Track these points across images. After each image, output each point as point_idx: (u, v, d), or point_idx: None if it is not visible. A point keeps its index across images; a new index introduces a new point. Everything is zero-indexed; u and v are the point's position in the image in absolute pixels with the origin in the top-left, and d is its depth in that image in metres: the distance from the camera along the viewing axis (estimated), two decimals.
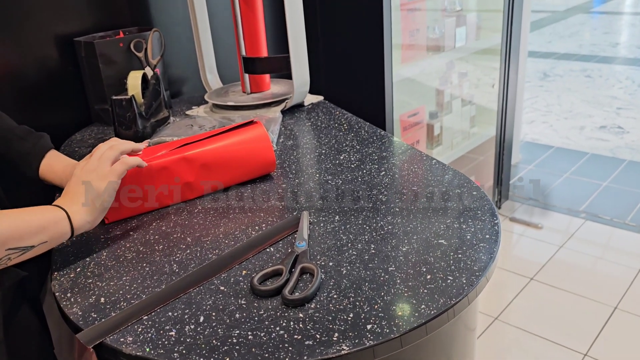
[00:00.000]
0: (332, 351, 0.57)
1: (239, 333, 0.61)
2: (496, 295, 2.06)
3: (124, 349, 0.61)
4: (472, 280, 0.67)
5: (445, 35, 2.11)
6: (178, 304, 0.67)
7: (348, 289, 0.67)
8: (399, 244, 0.76)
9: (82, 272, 0.75)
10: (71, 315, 0.67)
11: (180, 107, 1.49)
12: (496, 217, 0.81)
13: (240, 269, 0.73)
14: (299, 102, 1.41)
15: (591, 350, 1.76)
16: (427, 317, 0.61)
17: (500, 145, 2.51)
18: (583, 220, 2.53)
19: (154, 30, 1.37)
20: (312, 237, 0.79)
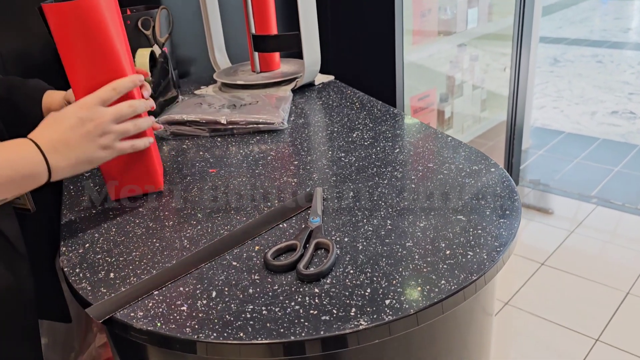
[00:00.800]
0: (349, 326, 0.55)
1: (252, 308, 0.59)
2: (507, 281, 2.04)
3: (135, 323, 0.59)
4: (493, 256, 0.65)
5: (457, 16, 2.06)
6: (189, 279, 0.65)
7: (365, 265, 0.65)
8: (416, 219, 0.74)
9: (90, 248, 0.74)
10: (80, 291, 0.65)
11: (188, 87, 1.46)
12: (516, 193, 0.78)
13: (253, 245, 0.71)
14: (309, 82, 1.39)
15: (603, 335, 1.74)
16: (448, 293, 0.59)
17: (510, 130, 2.47)
18: (594, 206, 2.50)
19: (161, 7, 1.35)
20: (326, 214, 0.77)
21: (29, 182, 0.67)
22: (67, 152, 0.69)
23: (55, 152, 0.68)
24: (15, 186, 0.65)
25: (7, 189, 0.65)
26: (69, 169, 0.70)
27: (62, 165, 0.69)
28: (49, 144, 0.68)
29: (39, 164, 0.67)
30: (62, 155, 0.69)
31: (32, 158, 0.66)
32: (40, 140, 0.68)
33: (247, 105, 1.17)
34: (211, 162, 0.98)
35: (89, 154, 0.72)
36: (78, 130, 0.71)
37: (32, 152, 0.67)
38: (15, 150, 0.66)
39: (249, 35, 1.40)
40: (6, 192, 0.65)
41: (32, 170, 0.66)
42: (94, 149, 0.72)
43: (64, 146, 0.69)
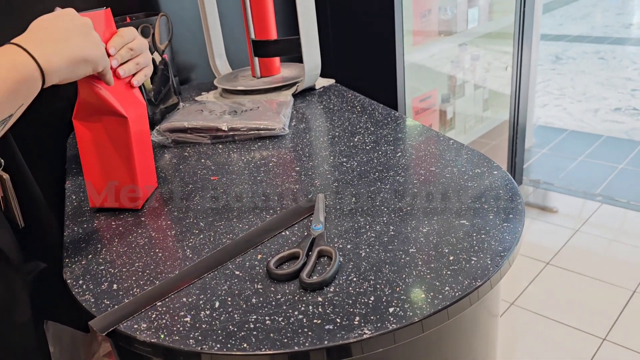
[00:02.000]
0: (353, 335, 0.55)
1: (256, 318, 0.59)
2: (512, 281, 2.03)
3: (138, 335, 0.59)
4: (497, 261, 0.64)
5: (457, 16, 2.06)
6: (192, 289, 0.65)
7: (368, 272, 0.65)
8: (419, 225, 0.73)
9: (93, 259, 0.74)
10: (84, 303, 0.65)
11: (189, 94, 1.46)
12: (519, 196, 0.78)
13: (255, 253, 0.71)
14: (310, 86, 1.38)
15: (610, 334, 1.73)
16: (452, 299, 0.59)
17: (513, 129, 2.46)
18: (599, 204, 2.48)
19: (161, 14, 1.35)
20: (328, 220, 0.77)
21: (24, 87, 0.60)
22: (56, 46, 0.63)
23: (43, 47, 0.62)
24: (11, 96, 0.58)
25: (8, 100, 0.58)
26: (64, 66, 0.64)
27: (55, 60, 0.62)
28: (33, 41, 0.62)
29: (25, 64, 0.60)
30: (51, 50, 0.62)
31: (17, 59, 0.60)
32: (21, 40, 0.62)
33: (248, 111, 1.17)
34: (213, 170, 0.98)
35: (83, 48, 0.66)
36: (67, 24, 0.66)
37: (15, 52, 0.60)
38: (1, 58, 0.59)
39: (248, 41, 1.40)
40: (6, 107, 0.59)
41: (22, 73, 0.59)
42: (87, 43, 0.67)
43: (53, 41, 0.63)
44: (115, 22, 1.35)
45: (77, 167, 1.05)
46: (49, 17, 0.66)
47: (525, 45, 2.29)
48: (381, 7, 1.69)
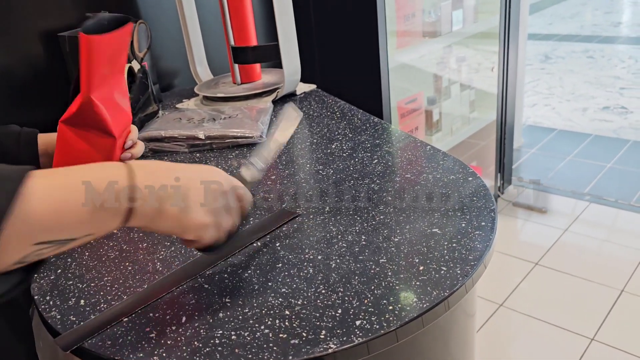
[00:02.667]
0: (318, 350, 0.54)
1: (222, 333, 0.58)
2: (500, 281, 2.03)
3: (103, 352, 0.58)
4: (467, 271, 0.64)
5: (442, 18, 2.06)
6: (160, 304, 0.64)
7: (337, 284, 0.64)
8: (390, 234, 0.73)
9: (62, 274, 0.73)
10: (49, 320, 0.64)
11: (170, 101, 1.46)
12: (492, 203, 0.78)
13: (226, 266, 0.70)
14: (290, 92, 1.38)
15: (598, 334, 1.73)
16: (420, 311, 0.58)
17: (501, 129, 2.47)
18: (587, 203, 2.49)
19: (139, 22, 1.34)
20: (300, 230, 0.76)
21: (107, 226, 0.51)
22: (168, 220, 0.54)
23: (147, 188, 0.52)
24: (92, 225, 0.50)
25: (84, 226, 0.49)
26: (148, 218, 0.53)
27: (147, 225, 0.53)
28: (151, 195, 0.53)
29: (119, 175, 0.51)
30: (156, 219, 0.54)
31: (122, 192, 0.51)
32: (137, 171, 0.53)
33: (227, 118, 1.16)
34: None
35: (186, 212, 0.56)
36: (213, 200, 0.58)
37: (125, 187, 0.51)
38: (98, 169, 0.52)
39: (228, 47, 1.39)
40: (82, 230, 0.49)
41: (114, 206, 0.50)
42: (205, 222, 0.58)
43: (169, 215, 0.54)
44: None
45: None
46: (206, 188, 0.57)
47: (511, 45, 2.29)
48: (364, 10, 1.69)
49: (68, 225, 0.47)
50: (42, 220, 0.45)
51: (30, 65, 1.30)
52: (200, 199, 0.57)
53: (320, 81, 1.53)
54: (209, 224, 0.58)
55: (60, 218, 0.46)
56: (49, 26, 1.31)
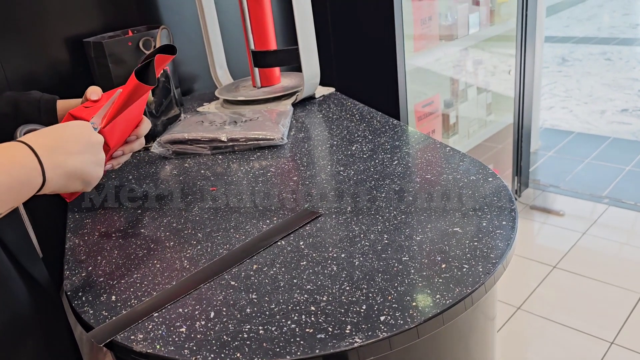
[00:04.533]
0: (344, 344, 0.56)
1: (249, 328, 0.60)
2: (518, 285, 2.02)
3: (135, 346, 0.60)
4: (489, 269, 0.65)
5: (458, 22, 2.07)
6: (188, 300, 0.66)
7: (361, 281, 0.65)
8: (412, 233, 0.74)
9: (93, 271, 0.75)
10: (83, 315, 0.66)
11: (191, 104, 1.48)
12: (513, 203, 0.78)
13: (251, 264, 0.72)
14: (310, 95, 1.40)
15: (618, 338, 1.72)
16: (442, 307, 0.59)
17: (518, 132, 2.46)
18: (606, 206, 2.47)
19: (162, 27, 1.37)
20: (323, 229, 0.78)
21: (24, 190, 0.59)
22: (64, 158, 0.64)
23: (52, 156, 0.62)
24: (13, 194, 0.58)
25: (3, 198, 0.57)
26: (63, 180, 0.65)
27: (58, 172, 0.63)
28: (45, 147, 0.62)
29: (34, 169, 0.60)
30: (58, 160, 0.63)
31: (28, 163, 0.60)
32: (33, 143, 0.61)
33: (248, 121, 1.18)
34: (212, 180, 0.99)
35: (85, 167, 0.68)
36: (80, 138, 0.68)
37: (26, 154, 0.60)
38: (9, 154, 0.59)
39: (248, 52, 1.42)
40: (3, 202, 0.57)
41: (28, 177, 0.59)
42: (91, 164, 0.69)
43: (62, 151, 0.64)
44: (117, 35, 1.38)
45: None
46: (66, 126, 0.68)
47: (528, 48, 2.29)
48: (381, 14, 1.70)
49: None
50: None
51: (55, 70, 1.33)
52: (92, 158, 0.69)
53: (337, 85, 1.55)
54: (98, 173, 0.71)
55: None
56: (75, 32, 1.34)
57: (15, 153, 0.60)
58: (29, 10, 1.25)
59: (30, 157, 0.60)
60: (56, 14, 1.31)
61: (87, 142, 0.69)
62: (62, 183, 0.65)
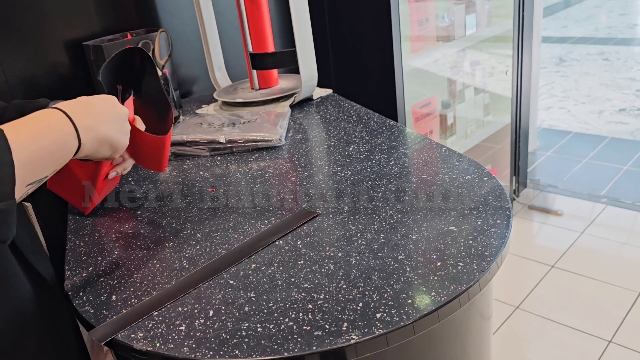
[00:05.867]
0: (341, 341, 0.57)
1: (248, 326, 0.61)
2: (517, 284, 2.03)
3: (135, 344, 0.61)
4: (484, 266, 0.66)
5: (455, 23, 2.08)
6: (188, 299, 0.67)
7: (357, 279, 0.66)
8: (408, 232, 0.75)
9: (94, 271, 0.76)
10: (83, 314, 0.67)
11: (190, 107, 1.49)
12: (507, 202, 0.79)
13: (250, 263, 0.73)
14: (307, 96, 1.41)
15: (616, 336, 1.73)
16: (438, 304, 0.60)
17: (516, 132, 2.47)
18: (604, 206, 2.48)
19: (160, 30, 1.38)
20: (321, 229, 0.79)
21: (63, 153, 0.63)
22: (95, 124, 0.68)
23: (84, 120, 0.66)
24: (55, 158, 0.62)
25: (46, 163, 0.61)
26: (95, 144, 0.68)
27: (90, 136, 0.67)
28: (78, 113, 0.65)
29: (70, 134, 0.64)
30: (91, 125, 0.67)
31: (64, 127, 0.63)
32: (68, 109, 0.65)
33: (247, 123, 1.19)
34: (211, 182, 1.00)
35: (115, 134, 0.72)
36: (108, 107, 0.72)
37: (62, 120, 0.64)
38: (47, 121, 0.63)
39: (246, 54, 1.43)
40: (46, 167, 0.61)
41: (66, 141, 0.63)
42: (120, 132, 0.73)
43: (93, 117, 0.68)
44: (117, 38, 1.39)
45: None
46: (94, 97, 0.72)
47: (525, 49, 2.30)
48: (379, 16, 1.72)
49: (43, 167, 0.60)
50: (27, 168, 0.57)
51: (55, 73, 1.34)
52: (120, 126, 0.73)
53: (335, 86, 1.56)
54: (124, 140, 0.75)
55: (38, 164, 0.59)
56: (74, 36, 1.35)
57: (52, 119, 0.63)
58: (29, 14, 1.26)
59: (66, 122, 0.64)
60: (56, 17, 1.32)
61: (114, 111, 0.73)
62: (95, 147, 0.69)
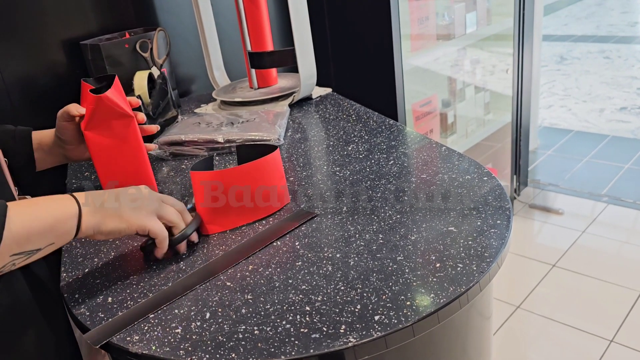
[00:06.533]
0: (338, 343, 0.56)
1: (245, 328, 0.60)
2: (517, 283, 2.02)
3: (131, 347, 0.60)
4: (483, 267, 0.65)
5: (455, 21, 2.07)
6: (184, 301, 0.67)
7: (355, 280, 0.66)
8: (407, 232, 0.74)
9: (90, 273, 0.75)
10: (79, 316, 0.66)
11: (189, 106, 1.49)
12: (507, 202, 0.79)
13: (247, 264, 0.72)
14: (306, 95, 1.40)
15: (617, 336, 1.72)
16: (437, 306, 0.60)
17: (516, 131, 2.46)
18: (605, 204, 2.47)
19: (158, 29, 1.37)
20: (319, 229, 0.78)
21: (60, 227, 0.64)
22: (104, 223, 0.68)
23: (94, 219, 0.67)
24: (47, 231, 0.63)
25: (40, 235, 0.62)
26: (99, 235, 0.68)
27: (92, 232, 0.67)
28: (91, 210, 0.67)
29: (69, 206, 0.66)
30: (98, 224, 0.67)
31: (64, 202, 0.66)
32: (82, 200, 0.67)
33: (245, 122, 1.18)
34: None
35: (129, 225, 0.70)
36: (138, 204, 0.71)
37: (70, 203, 0.66)
38: (56, 201, 0.66)
39: (245, 53, 1.42)
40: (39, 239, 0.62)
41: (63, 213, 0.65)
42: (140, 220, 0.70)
43: (107, 217, 0.68)
44: (115, 37, 1.38)
45: (77, 182, 1.07)
46: (129, 192, 0.72)
47: (526, 47, 2.30)
48: (378, 14, 1.71)
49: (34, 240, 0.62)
50: (15, 238, 0.59)
51: (53, 72, 1.34)
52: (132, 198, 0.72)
53: (334, 85, 1.55)
54: (145, 216, 0.71)
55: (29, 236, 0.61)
56: (72, 35, 1.35)
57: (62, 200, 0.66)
58: (26, 13, 1.25)
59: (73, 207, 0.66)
60: (53, 16, 1.31)
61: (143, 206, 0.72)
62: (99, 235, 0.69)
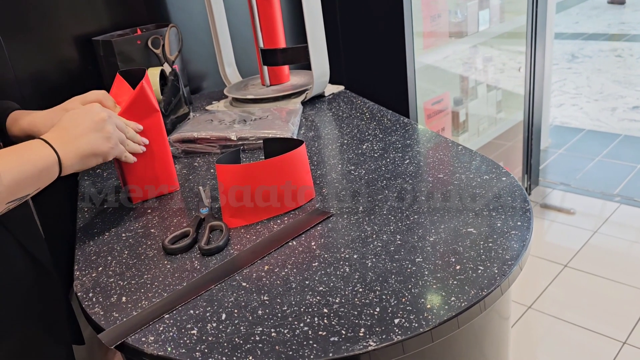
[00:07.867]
0: (358, 347, 0.55)
1: (261, 330, 0.59)
2: (529, 284, 2.00)
3: (146, 348, 0.59)
4: (504, 270, 0.64)
5: (468, 19, 2.05)
6: (200, 301, 0.66)
7: (374, 282, 0.64)
8: (425, 234, 0.73)
9: (104, 272, 0.75)
10: (93, 316, 0.66)
11: (200, 103, 1.48)
12: (527, 202, 0.77)
13: (262, 264, 0.71)
14: (319, 93, 1.39)
15: (630, 337, 1.70)
16: (458, 310, 0.58)
17: (528, 130, 2.44)
18: (617, 204, 2.45)
19: (170, 26, 1.36)
20: (335, 230, 0.77)
21: (45, 175, 0.72)
22: (73, 145, 0.76)
23: (64, 146, 0.75)
24: (35, 180, 0.71)
25: (28, 184, 0.70)
26: (77, 161, 0.76)
27: (71, 157, 0.75)
28: (58, 139, 0.75)
29: (49, 156, 0.73)
30: (70, 148, 0.75)
31: (45, 152, 0.73)
32: (49, 138, 0.75)
33: (258, 120, 1.17)
34: None
35: (94, 144, 0.78)
36: (85, 121, 0.79)
37: (42, 146, 0.73)
38: (28, 148, 0.73)
39: (257, 50, 1.41)
40: (28, 188, 0.70)
41: (46, 164, 0.72)
42: (98, 139, 0.79)
43: (72, 139, 0.76)
44: (127, 33, 1.37)
45: (90, 178, 1.06)
46: (73, 115, 0.80)
47: (538, 45, 2.27)
48: (390, 11, 1.69)
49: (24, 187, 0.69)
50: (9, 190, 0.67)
51: (65, 69, 1.33)
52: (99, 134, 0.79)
53: (346, 82, 1.53)
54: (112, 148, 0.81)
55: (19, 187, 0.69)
56: (84, 31, 1.34)
57: (36, 146, 0.73)
58: (38, 9, 1.25)
59: (48, 150, 0.73)
60: (65, 12, 1.30)
61: (91, 122, 0.79)
62: (80, 164, 0.77)
